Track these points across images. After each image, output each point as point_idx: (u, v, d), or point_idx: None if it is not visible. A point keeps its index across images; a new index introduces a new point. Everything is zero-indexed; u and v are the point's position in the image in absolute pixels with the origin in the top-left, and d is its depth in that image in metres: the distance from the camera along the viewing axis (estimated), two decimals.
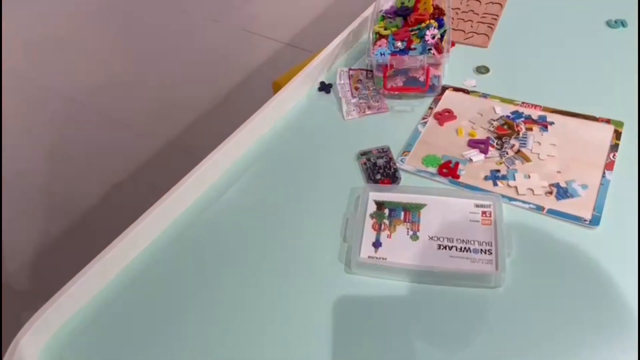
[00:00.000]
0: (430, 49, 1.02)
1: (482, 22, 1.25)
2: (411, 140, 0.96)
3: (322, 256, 0.79)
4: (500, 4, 1.31)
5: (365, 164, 0.93)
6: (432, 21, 1.06)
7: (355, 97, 1.08)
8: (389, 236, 0.80)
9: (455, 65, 1.12)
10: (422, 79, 1.04)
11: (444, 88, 1.06)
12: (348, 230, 0.82)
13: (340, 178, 0.92)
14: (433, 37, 1.04)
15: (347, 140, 0.99)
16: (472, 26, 1.24)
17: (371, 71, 1.13)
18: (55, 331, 0.75)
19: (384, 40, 1.06)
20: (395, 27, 1.10)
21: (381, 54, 1.03)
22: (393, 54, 1.04)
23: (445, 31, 1.06)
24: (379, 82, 1.09)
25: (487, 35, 1.20)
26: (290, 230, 0.84)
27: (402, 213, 0.83)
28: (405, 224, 0.81)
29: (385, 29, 1.10)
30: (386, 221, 0.82)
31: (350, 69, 1.15)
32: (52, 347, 0.74)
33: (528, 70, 1.08)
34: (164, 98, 2.56)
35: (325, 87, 1.13)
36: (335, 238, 0.82)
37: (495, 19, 1.25)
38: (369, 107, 1.05)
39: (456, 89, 1.06)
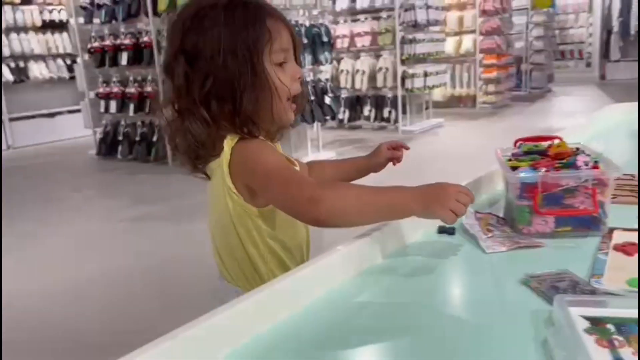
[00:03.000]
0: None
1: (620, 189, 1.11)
2: (596, 267, 0.78)
3: None
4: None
5: (539, 285, 0.72)
6: (579, 150, 0.94)
7: (489, 236, 0.90)
8: (633, 353, 0.59)
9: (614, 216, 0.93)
10: (582, 206, 0.86)
11: (611, 229, 0.89)
12: (556, 351, 0.59)
13: (509, 303, 0.72)
14: (586, 164, 0.88)
15: (499, 271, 0.81)
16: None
17: (503, 218, 0.96)
18: None
19: (524, 168, 0.91)
20: (531, 160, 0.96)
21: (525, 175, 0.88)
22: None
23: (598, 160, 0.91)
24: (522, 216, 0.90)
25: (633, 196, 1.07)
26: None
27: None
28: None
29: (520, 162, 0.96)
30: (618, 337, 0.61)
31: (476, 212, 0.98)
32: None
33: None
34: None
35: (447, 230, 0.94)
36: None
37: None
38: (515, 242, 0.87)
39: (627, 229, 0.89)
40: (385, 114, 6.26)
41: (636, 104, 2.06)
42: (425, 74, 6.07)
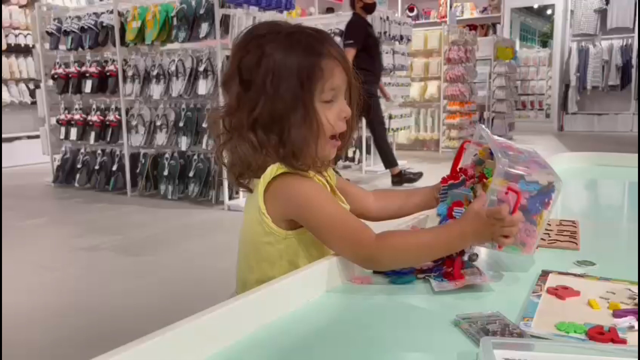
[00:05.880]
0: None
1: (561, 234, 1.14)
2: (528, 309, 0.78)
3: None
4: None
5: (469, 327, 0.71)
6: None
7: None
8: None
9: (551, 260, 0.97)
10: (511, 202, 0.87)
11: (546, 272, 0.90)
12: None
13: (438, 344, 0.70)
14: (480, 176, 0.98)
15: (434, 312, 0.80)
16: (549, 235, 1.12)
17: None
18: None
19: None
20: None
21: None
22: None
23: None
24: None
25: (573, 242, 1.09)
26: None
27: None
28: None
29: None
30: None
31: None
32: None
33: None
34: None
35: None
36: None
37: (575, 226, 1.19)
38: (467, 280, 0.86)
39: (561, 273, 0.91)
40: (350, 153, 6.34)
41: (587, 153, 2.13)
42: (390, 117, 6.20)
